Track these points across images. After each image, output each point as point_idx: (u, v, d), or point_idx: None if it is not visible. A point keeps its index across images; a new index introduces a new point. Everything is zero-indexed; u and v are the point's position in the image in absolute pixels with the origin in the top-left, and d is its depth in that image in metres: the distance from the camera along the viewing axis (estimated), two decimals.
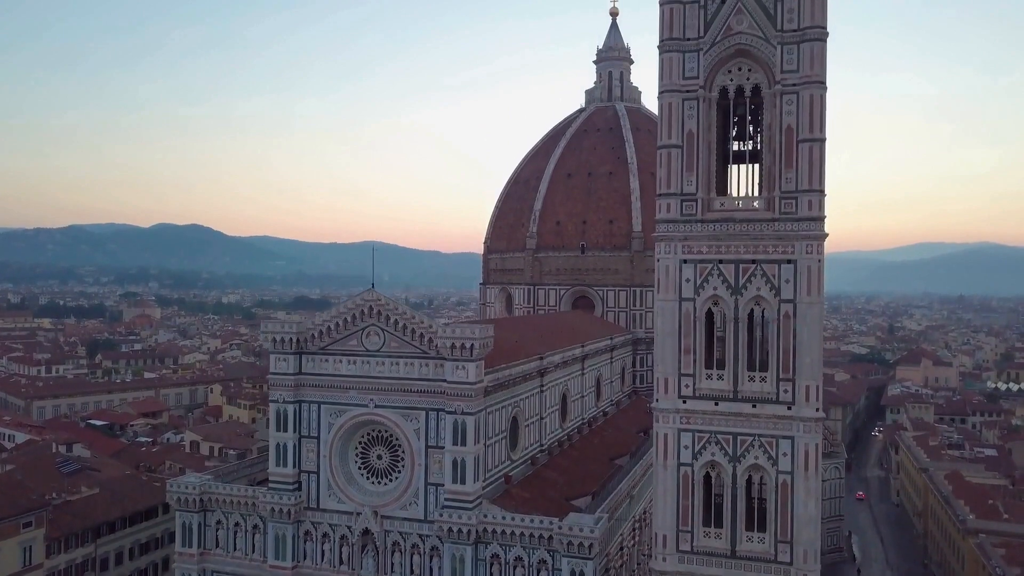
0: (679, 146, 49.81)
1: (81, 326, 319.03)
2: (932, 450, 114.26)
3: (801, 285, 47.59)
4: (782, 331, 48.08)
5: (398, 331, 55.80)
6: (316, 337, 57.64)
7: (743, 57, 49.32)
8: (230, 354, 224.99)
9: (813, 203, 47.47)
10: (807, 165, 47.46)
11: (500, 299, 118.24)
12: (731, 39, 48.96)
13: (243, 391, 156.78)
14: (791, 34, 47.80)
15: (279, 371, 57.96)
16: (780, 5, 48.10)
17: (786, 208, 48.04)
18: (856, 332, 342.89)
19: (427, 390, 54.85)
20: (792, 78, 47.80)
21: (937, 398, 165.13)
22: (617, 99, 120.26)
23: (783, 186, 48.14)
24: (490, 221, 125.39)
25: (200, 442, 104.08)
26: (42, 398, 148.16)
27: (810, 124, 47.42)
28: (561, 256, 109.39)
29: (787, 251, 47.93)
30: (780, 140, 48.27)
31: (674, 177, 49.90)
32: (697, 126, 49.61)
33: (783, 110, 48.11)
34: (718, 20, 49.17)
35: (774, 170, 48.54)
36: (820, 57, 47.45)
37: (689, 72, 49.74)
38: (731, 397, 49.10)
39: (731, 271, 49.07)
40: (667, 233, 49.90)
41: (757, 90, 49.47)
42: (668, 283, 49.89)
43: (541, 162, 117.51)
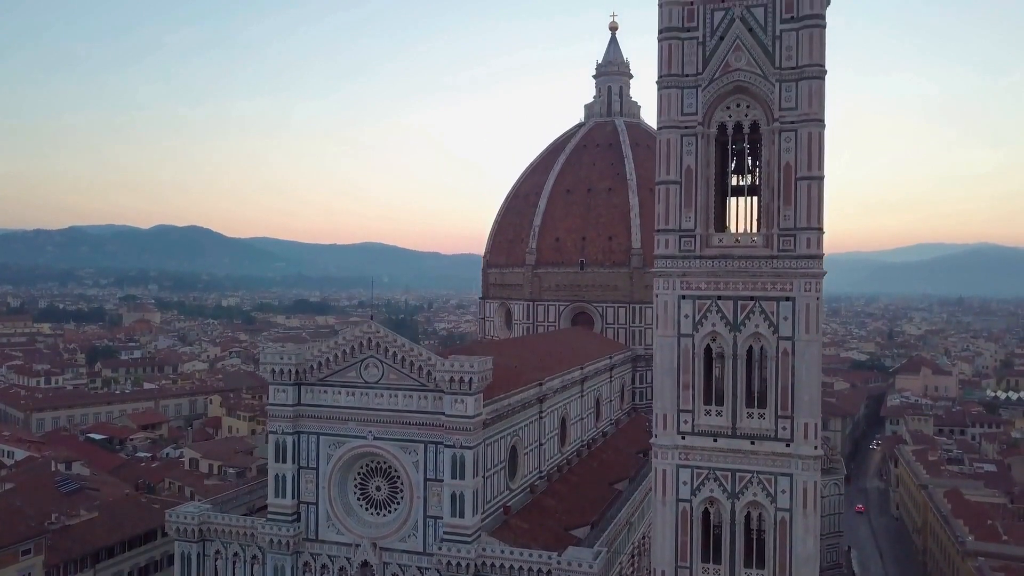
0: (677, 182, 49.79)
1: (81, 332, 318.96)
2: (931, 465, 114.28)
3: (799, 322, 47.57)
4: (780, 368, 48.05)
5: (396, 363, 55.79)
6: (315, 368, 57.63)
7: (741, 94, 49.30)
8: (229, 362, 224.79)
9: (811, 241, 47.46)
10: (805, 202, 47.45)
11: (499, 313, 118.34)
12: (729, 76, 48.93)
13: (242, 402, 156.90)
14: (789, 72, 47.78)
15: (278, 402, 57.95)
16: (778, 43, 48.09)
17: (784, 245, 48.02)
18: (856, 337, 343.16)
19: (426, 423, 54.85)
20: (790, 115, 47.79)
21: (937, 408, 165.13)
22: (616, 114, 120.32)
23: (781, 223, 48.12)
24: (490, 235, 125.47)
25: (199, 460, 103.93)
26: (41, 410, 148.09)
27: (808, 162, 47.41)
28: (560, 272, 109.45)
29: (785, 288, 47.90)
30: (779, 177, 48.25)
31: (672, 213, 49.88)
32: (696, 162, 49.59)
33: (781, 147, 48.10)
34: (716, 57, 49.15)
35: (772, 207, 48.52)
36: (818, 95, 47.45)
37: (688, 108, 49.71)
38: (730, 434, 49.08)
39: (730, 307, 49.04)
40: (665, 269, 49.88)
41: (756, 126, 49.44)
42: (667, 319, 49.87)
43: (540, 177, 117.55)
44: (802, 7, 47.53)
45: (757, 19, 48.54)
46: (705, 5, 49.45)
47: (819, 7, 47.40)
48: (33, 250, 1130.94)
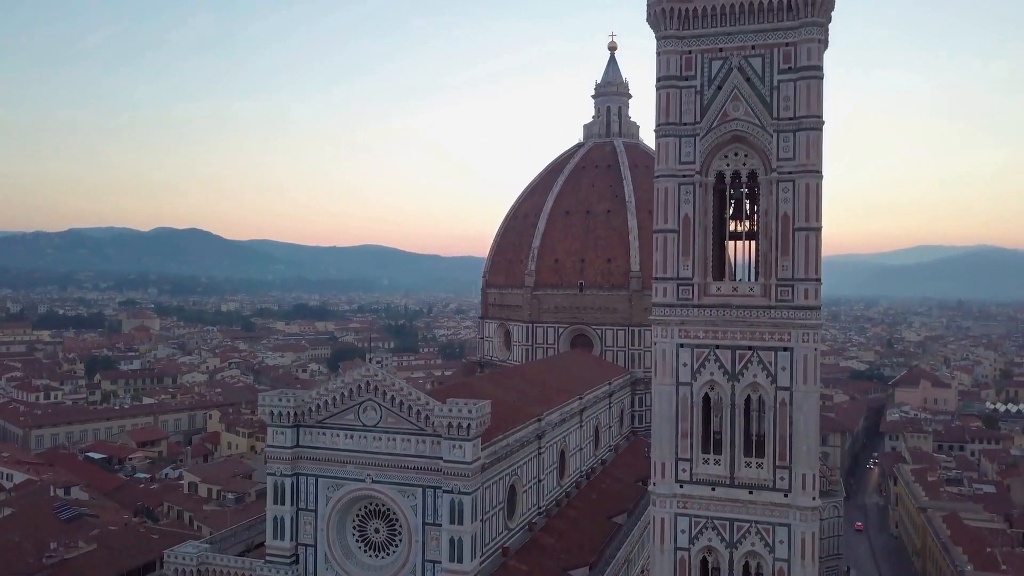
0: (675, 231, 49.86)
1: (80, 340, 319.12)
2: (930, 486, 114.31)
3: (798, 373, 47.63)
4: (778, 418, 48.13)
5: (395, 407, 55.75)
6: (313, 411, 57.58)
7: (739, 143, 49.37)
8: (229, 373, 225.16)
9: (809, 292, 47.52)
10: (803, 254, 47.53)
11: (499, 334, 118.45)
12: (727, 125, 49.02)
13: (241, 418, 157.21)
14: (787, 122, 47.88)
15: (276, 444, 57.88)
16: (776, 93, 48.17)
17: (782, 296, 48.08)
18: (855, 344, 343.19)
19: (424, 467, 54.78)
20: (788, 166, 47.87)
21: (936, 423, 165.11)
22: (615, 135, 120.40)
23: (779, 273, 48.18)
24: (489, 254, 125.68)
25: (198, 484, 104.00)
26: (40, 426, 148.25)
27: (806, 213, 47.50)
28: (559, 294, 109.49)
29: (784, 339, 47.97)
30: (776, 227, 48.33)
31: (670, 261, 49.94)
32: (693, 211, 49.66)
33: (779, 197, 48.17)
34: (714, 106, 49.23)
35: (770, 257, 48.57)
36: (816, 146, 47.54)
37: (685, 157, 49.78)
38: (728, 483, 49.14)
39: (728, 357, 49.10)
40: (663, 318, 49.93)
41: (753, 175, 49.55)
42: (665, 368, 49.92)
43: (540, 198, 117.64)
44: (799, 58, 47.63)
45: (755, 69, 48.62)
46: (703, 54, 49.54)
47: (816, 58, 47.48)
48: (33, 253, 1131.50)
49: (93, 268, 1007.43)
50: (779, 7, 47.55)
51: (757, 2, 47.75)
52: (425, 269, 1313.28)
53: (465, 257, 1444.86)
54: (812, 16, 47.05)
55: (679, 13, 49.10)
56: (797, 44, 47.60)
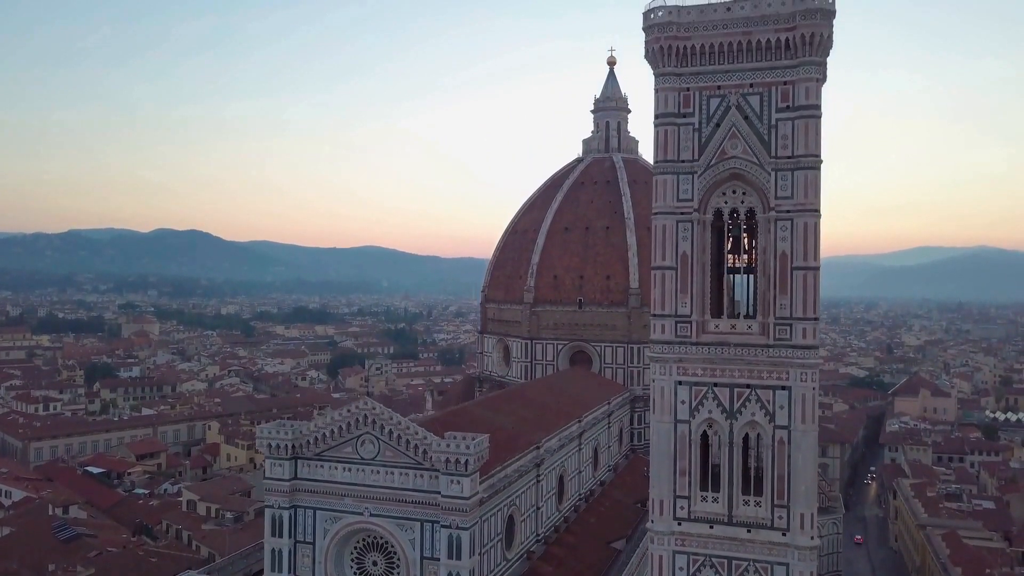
0: (673, 268, 49.84)
1: (80, 345, 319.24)
2: (930, 502, 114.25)
3: (796, 412, 47.60)
4: (776, 457, 48.10)
5: (392, 441, 55.66)
6: (311, 443, 57.50)
7: (737, 180, 49.35)
8: (228, 381, 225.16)
9: (807, 331, 47.47)
10: (801, 293, 47.49)
11: (498, 349, 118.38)
12: (725, 163, 49.00)
13: (240, 429, 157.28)
14: (785, 161, 47.87)
15: (274, 476, 57.78)
16: (774, 132, 48.15)
17: (780, 334, 48.04)
18: (855, 349, 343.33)
19: (422, 501, 54.71)
20: (786, 204, 47.85)
21: (936, 433, 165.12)
22: (614, 150, 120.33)
23: (777, 312, 48.15)
24: (487, 269, 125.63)
25: (197, 502, 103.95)
26: (40, 439, 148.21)
27: (804, 252, 47.47)
28: (559, 311, 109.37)
29: (781, 377, 47.95)
30: (774, 266, 48.29)
31: (668, 299, 49.91)
32: (691, 248, 49.63)
33: (777, 236, 48.15)
34: (712, 143, 49.21)
35: (768, 295, 48.54)
36: (814, 185, 47.51)
37: (683, 194, 49.75)
38: (726, 521, 49.10)
39: (726, 395, 49.08)
40: (661, 355, 49.89)
41: (752, 213, 49.51)
42: (663, 405, 49.89)
43: (539, 214, 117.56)
44: (798, 97, 47.62)
45: (753, 107, 48.60)
46: (701, 91, 49.52)
47: (814, 97, 47.46)
48: (33, 254, 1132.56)
49: (93, 270, 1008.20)
50: (777, 46, 47.52)
51: (755, 40, 47.72)
52: (425, 270, 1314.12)
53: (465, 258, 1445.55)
54: (810, 55, 47.01)
55: (677, 50, 49.06)
56: (795, 83, 47.58)
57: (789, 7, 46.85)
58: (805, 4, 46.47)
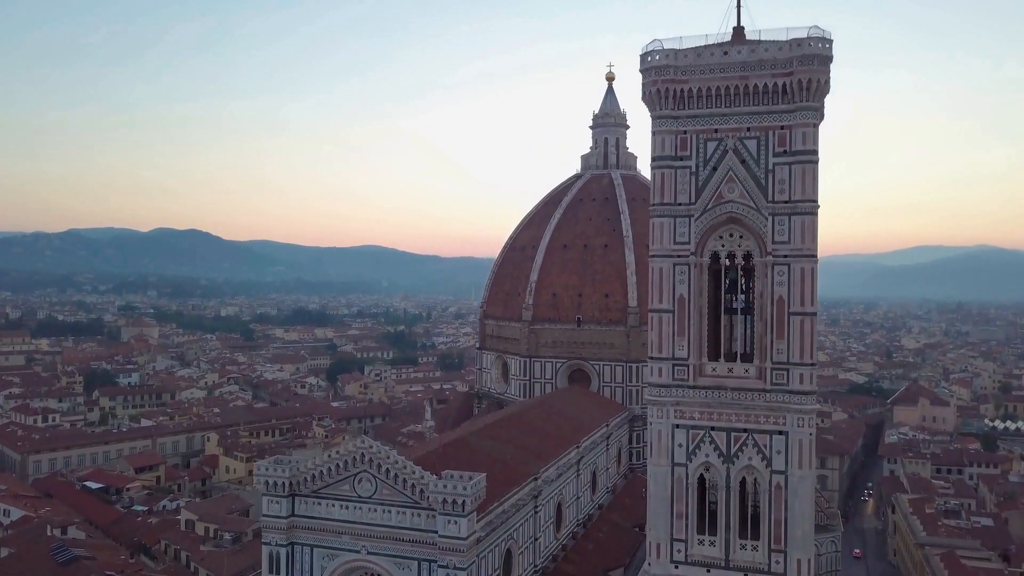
0: (670, 311, 49.78)
1: (79, 350, 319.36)
2: (928, 519, 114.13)
3: (793, 457, 47.57)
4: (774, 502, 48.07)
5: (390, 479, 55.63)
6: (309, 480, 57.48)
7: (735, 224, 49.31)
8: (227, 389, 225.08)
9: (805, 377, 47.44)
10: (798, 338, 47.45)
11: (496, 366, 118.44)
12: (722, 207, 48.95)
13: (239, 441, 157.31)
14: (782, 205, 47.83)
15: (271, 513, 57.78)
16: (771, 176, 48.10)
17: (777, 379, 48.01)
18: (855, 354, 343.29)
19: (419, 540, 54.69)
20: (783, 249, 47.80)
21: (935, 444, 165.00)
22: (613, 166, 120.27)
23: (775, 356, 48.11)
24: (487, 285, 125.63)
25: (196, 521, 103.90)
26: (38, 452, 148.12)
27: (801, 298, 47.41)
28: (557, 328, 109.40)
29: (779, 422, 47.92)
30: (772, 310, 48.25)
31: (665, 342, 49.86)
32: (688, 291, 49.59)
33: (775, 280, 48.09)
34: (709, 187, 49.16)
35: (765, 340, 48.50)
36: (811, 230, 47.45)
37: (680, 237, 49.71)
38: (723, 565, 49.11)
39: (723, 439, 49.06)
40: (659, 398, 49.86)
41: (749, 256, 49.42)
42: (661, 448, 49.86)
43: (537, 230, 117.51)
44: (794, 142, 47.55)
45: (750, 151, 48.53)
46: (698, 135, 49.45)
47: (811, 143, 47.39)
48: (32, 254, 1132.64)
49: (92, 269, 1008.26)
50: (774, 90, 47.43)
51: (752, 85, 47.63)
52: (425, 270, 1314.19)
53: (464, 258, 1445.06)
54: (807, 100, 46.95)
55: (674, 94, 48.99)
56: (792, 127, 47.52)
57: (786, 52, 46.76)
58: (802, 50, 46.38)
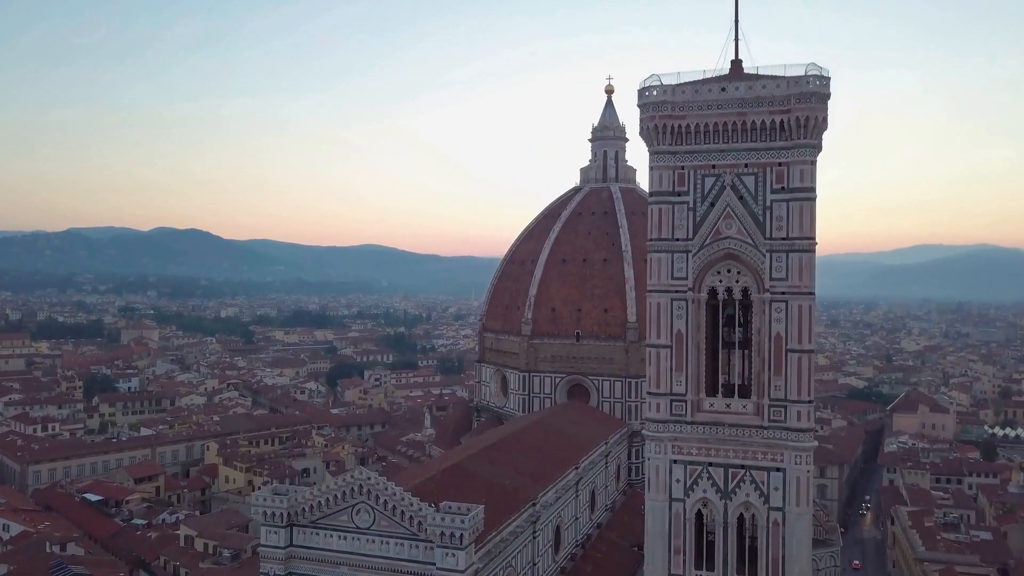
0: (668, 346, 49.78)
1: (79, 354, 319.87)
2: (927, 533, 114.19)
3: (790, 495, 47.59)
4: (771, 539, 48.10)
5: (388, 511, 55.66)
6: (307, 511, 57.52)
7: (732, 260, 49.30)
8: (227, 395, 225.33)
9: (802, 414, 47.45)
10: (796, 376, 47.45)
11: (495, 379, 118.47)
12: (720, 243, 48.95)
13: (239, 451, 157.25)
14: (780, 243, 47.83)
15: (270, 544, 57.80)
16: (769, 213, 48.08)
17: (775, 416, 48.03)
18: (854, 357, 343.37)
19: (417, 572, 54.73)
20: (781, 286, 47.79)
21: (934, 453, 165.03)
22: (612, 180, 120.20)
23: (772, 393, 48.12)
24: (486, 298, 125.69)
25: (195, 538, 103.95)
26: (38, 462, 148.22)
27: (799, 335, 47.42)
28: (556, 343, 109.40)
29: (776, 459, 47.95)
30: (769, 347, 48.24)
31: (663, 377, 49.87)
32: (686, 326, 49.59)
33: (772, 317, 48.09)
34: (707, 223, 49.15)
35: (763, 376, 48.50)
36: (808, 268, 47.44)
37: (678, 272, 49.70)
38: None
39: (720, 475, 49.07)
40: (656, 434, 49.88)
41: (746, 292, 49.40)
42: (658, 483, 49.89)
43: (536, 244, 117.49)
44: (792, 179, 47.54)
45: (748, 187, 48.52)
46: (696, 170, 49.44)
47: (809, 180, 47.38)
48: (32, 253, 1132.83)
49: (92, 269, 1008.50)
50: (771, 127, 47.40)
51: (750, 121, 47.61)
52: (425, 270, 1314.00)
53: (464, 257, 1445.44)
54: (805, 138, 46.94)
55: (672, 129, 48.96)
56: (790, 164, 47.51)
57: (784, 90, 46.73)
58: (800, 88, 46.35)
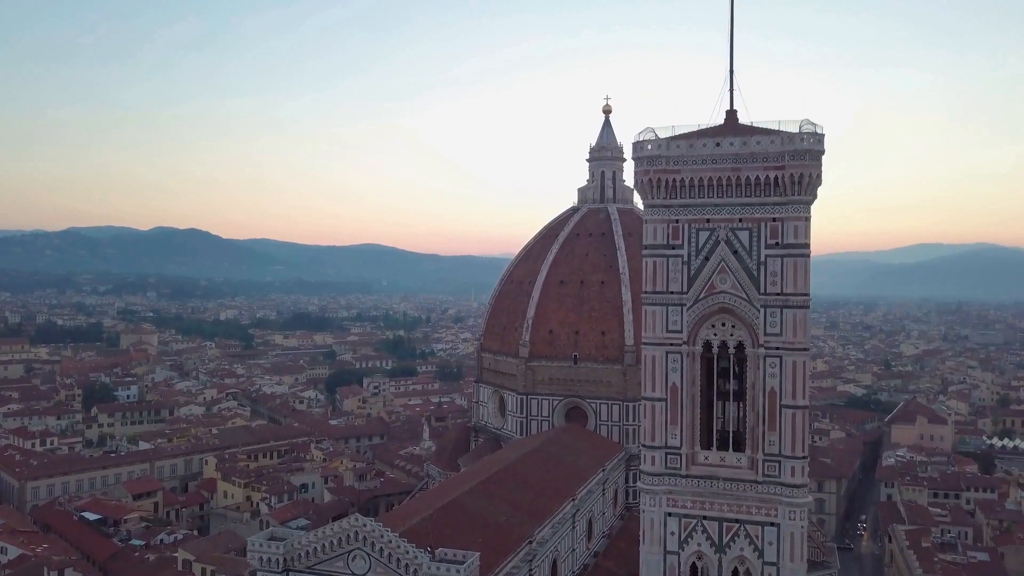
0: (663, 399, 49.81)
1: (78, 360, 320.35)
2: (925, 554, 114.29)
3: (784, 549, 47.66)
4: None
5: (383, 558, 55.72)
6: (303, 556, 57.58)
7: (727, 314, 49.32)
8: (225, 405, 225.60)
9: (796, 470, 47.50)
10: (790, 431, 47.50)
11: (493, 400, 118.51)
12: (714, 298, 49.00)
13: (237, 466, 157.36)
14: (774, 298, 47.86)
15: None
16: (763, 268, 48.11)
17: (769, 471, 48.08)
18: (853, 362, 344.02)
19: None
20: (775, 341, 47.82)
21: (932, 466, 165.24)
22: (609, 200, 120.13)
23: (766, 448, 48.18)
24: (484, 317, 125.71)
25: (193, 562, 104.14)
26: (37, 478, 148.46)
27: (793, 391, 47.46)
28: (554, 366, 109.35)
29: (770, 514, 48.02)
30: (763, 401, 48.30)
31: (658, 430, 49.92)
32: (681, 380, 49.63)
33: (767, 372, 48.14)
34: (701, 277, 49.18)
35: (757, 431, 48.55)
36: (803, 324, 47.47)
37: (672, 325, 49.72)
38: None
39: (715, 528, 49.14)
40: (651, 487, 49.95)
41: (741, 346, 49.43)
42: (653, 536, 49.98)
43: (534, 264, 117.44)
44: (786, 235, 47.55)
45: (742, 242, 48.52)
46: (690, 224, 49.46)
47: (803, 236, 47.40)
48: (32, 253, 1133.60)
49: (92, 269, 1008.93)
50: (766, 183, 47.42)
51: (744, 177, 47.63)
52: (424, 269, 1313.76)
53: (464, 256, 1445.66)
54: (798, 194, 46.96)
55: (666, 183, 48.99)
56: (784, 220, 47.52)
57: (778, 146, 46.73)
58: (794, 145, 46.36)
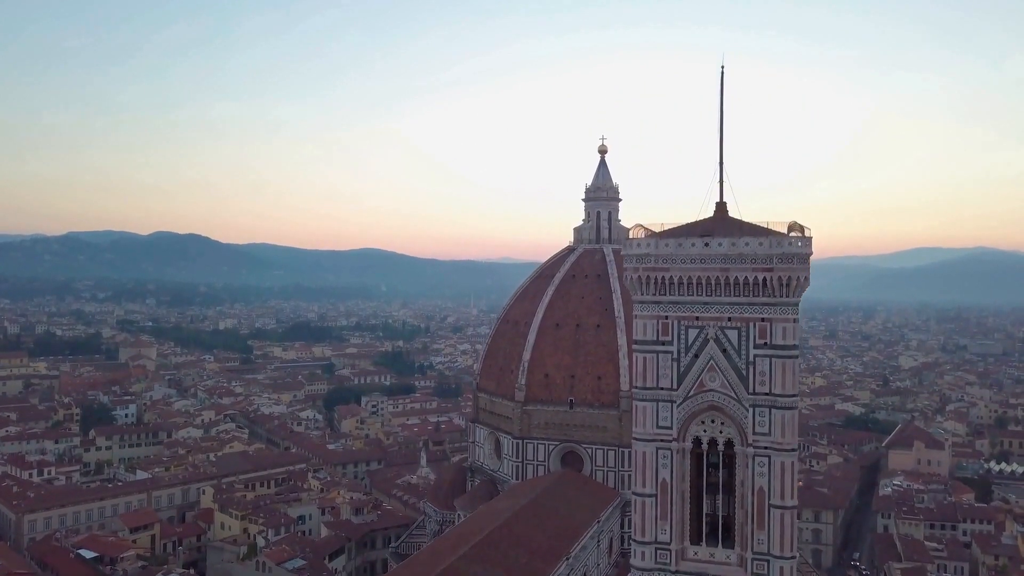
0: (653, 495, 50.02)
1: (76, 376, 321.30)
2: None
3: None
4: None
5: None
6: None
7: (716, 411, 49.53)
8: (223, 428, 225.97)
9: (785, 570, 47.73)
10: (779, 531, 47.71)
11: (489, 441, 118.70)
12: (704, 396, 49.23)
13: (235, 496, 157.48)
14: (763, 397, 48.07)
15: None
16: (752, 368, 48.32)
17: (758, 569, 48.34)
18: (852, 376, 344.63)
19: None
20: (763, 441, 48.07)
21: (929, 495, 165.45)
22: (605, 241, 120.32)
23: (755, 547, 48.39)
24: (481, 356, 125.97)
25: None
26: (34, 511, 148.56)
27: (781, 491, 47.70)
28: (549, 410, 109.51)
29: None
30: (752, 500, 48.52)
31: (648, 526, 50.16)
32: (671, 476, 49.86)
33: (755, 471, 48.38)
34: (691, 374, 49.41)
35: (746, 529, 48.75)
36: (791, 425, 47.69)
37: (663, 421, 49.96)
38: None
39: None
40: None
41: (730, 443, 49.65)
42: None
43: (530, 305, 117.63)
44: (775, 335, 47.78)
45: (731, 341, 48.77)
46: (680, 321, 49.70)
47: (791, 337, 47.60)
48: (31, 258, 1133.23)
49: (92, 275, 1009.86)
50: (754, 284, 47.67)
51: (732, 277, 47.88)
52: (424, 274, 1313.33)
53: (463, 261, 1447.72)
54: (786, 296, 47.19)
55: (656, 281, 49.25)
56: (772, 321, 47.75)
57: (766, 249, 46.99)
58: (782, 248, 46.62)
